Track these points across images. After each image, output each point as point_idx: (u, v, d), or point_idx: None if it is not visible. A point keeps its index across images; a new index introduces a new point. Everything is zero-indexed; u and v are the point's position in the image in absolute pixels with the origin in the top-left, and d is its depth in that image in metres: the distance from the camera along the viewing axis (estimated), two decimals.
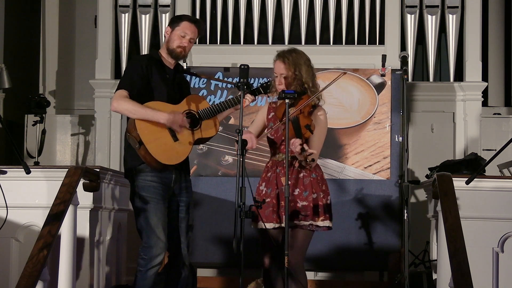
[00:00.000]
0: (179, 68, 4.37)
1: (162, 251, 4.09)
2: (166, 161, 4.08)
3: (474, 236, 4.43)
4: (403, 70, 5.05)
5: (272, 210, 4.07)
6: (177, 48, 4.24)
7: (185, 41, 4.25)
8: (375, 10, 6.85)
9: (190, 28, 4.25)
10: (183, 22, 4.26)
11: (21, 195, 4.59)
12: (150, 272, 4.09)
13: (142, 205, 4.11)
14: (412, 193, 6.63)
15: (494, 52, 7.57)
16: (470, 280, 3.57)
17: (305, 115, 4.06)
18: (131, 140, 4.07)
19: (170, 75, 4.28)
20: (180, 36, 4.25)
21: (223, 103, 4.24)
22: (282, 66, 4.18)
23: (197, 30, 4.29)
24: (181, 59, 4.35)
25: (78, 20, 7.89)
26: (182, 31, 4.25)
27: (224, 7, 6.93)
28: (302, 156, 3.88)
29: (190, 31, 4.25)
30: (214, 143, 6.17)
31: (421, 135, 6.81)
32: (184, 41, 4.25)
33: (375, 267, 6.12)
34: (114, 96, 4.12)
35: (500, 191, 4.60)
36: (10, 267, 4.69)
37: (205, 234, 6.07)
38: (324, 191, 4.12)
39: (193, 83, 6.25)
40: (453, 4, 6.83)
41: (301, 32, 6.89)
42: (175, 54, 4.26)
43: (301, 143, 3.89)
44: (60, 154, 7.41)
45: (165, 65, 4.28)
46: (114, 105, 4.09)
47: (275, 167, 4.15)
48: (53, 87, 7.84)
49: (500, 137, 6.88)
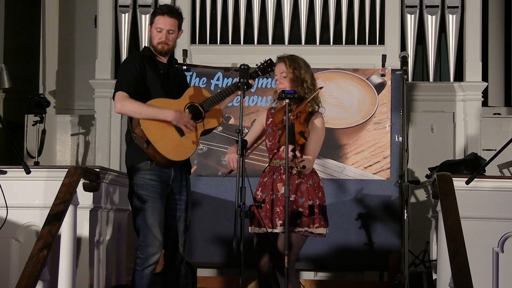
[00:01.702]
0: (173, 62, 4.34)
1: (158, 250, 4.10)
2: (176, 158, 4.09)
3: (474, 236, 4.43)
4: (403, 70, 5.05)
5: (265, 215, 4.08)
6: (158, 45, 4.21)
7: (162, 35, 4.18)
8: (375, 10, 6.85)
9: (163, 20, 4.17)
10: (156, 17, 4.20)
11: (21, 195, 4.59)
12: (147, 271, 4.09)
13: (140, 204, 4.11)
14: (412, 193, 6.63)
15: (494, 52, 7.57)
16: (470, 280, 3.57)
17: (301, 122, 4.08)
18: (137, 141, 4.06)
19: (164, 70, 4.26)
20: (157, 31, 4.19)
21: (223, 91, 4.25)
22: (282, 66, 4.21)
23: (171, 20, 4.19)
24: (167, 54, 4.27)
25: (78, 20, 7.89)
26: (157, 26, 4.19)
27: (224, 7, 6.93)
28: (293, 162, 3.89)
29: (164, 23, 4.17)
30: (214, 143, 6.18)
31: (421, 135, 6.81)
32: (161, 35, 4.18)
33: (375, 267, 6.12)
34: (116, 98, 4.10)
35: (500, 191, 4.60)
36: (10, 267, 4.69)
37: (205, 234, 6.07)
38: (320, 198, 4.13)
39: (193, 83, 6.25)
40: (453, 4, 6.83)
41: (301, 32, 6.89)
42: (159, 51, 4.22)
43: (293, 149, 3.89)
44: (60, 154, 7.41)
45: (158, 60, 4.25)
46: (119, 106, 4.08)
47: (272, 172, 4.17)
48: (53, 87, 7.84)
49: (500, 137, 6.88)
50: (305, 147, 4.09)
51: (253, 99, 6.22)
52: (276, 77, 4.24)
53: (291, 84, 4.18)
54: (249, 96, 6.16)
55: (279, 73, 4.22)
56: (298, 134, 4.00)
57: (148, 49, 4.29)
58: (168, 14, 4.19)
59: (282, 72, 4.20)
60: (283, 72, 4.19)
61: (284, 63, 4.20)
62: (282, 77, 4.20)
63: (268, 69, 4.37)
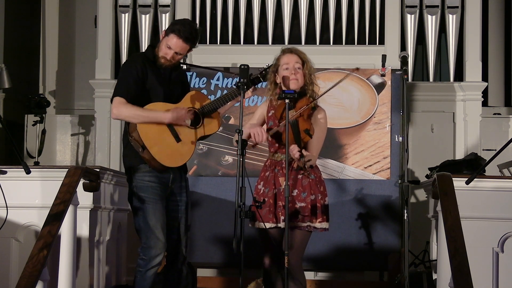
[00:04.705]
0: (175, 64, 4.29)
1: (161, 251, 4.09)
2: (171, 164, 4.08)
3: (474, 236, 4.43)
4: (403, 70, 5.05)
5: (269, 210, 4.05)
6: (161, 58, 4.16)
7: (169, 53, 4.14)
8: (375, 10, 6.85)
9: (177, 43, 4.11)
10: (172, 35, 4.11)
11: (21, 195, 4.59)
12: (149, 272, 4.09)
13: (140, 206, 4.11)
14: (412, 193, 6.63)
15: (494, 52, 7.57)
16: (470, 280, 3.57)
17: (305, 119, 4.03)
18: (134, 144, 4.06)
19: (166, 73, 4.24)
20: (166, 47, 4.14)
21: (223, 97, 4.22)
22: (295, 58, 4.11)
23: (185, 45, 4.13)
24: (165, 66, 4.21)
25: (78, 20, 7.89)
26: (169, 43, 4.13)
27: (224, 7, 6.93)
28: (301, 162, 3.87)
29: (176, 46, 4.12)
30: (214, 143, 6.18)
31: (421, 135, 6.81)
32: (169, 52, 4.14)
33: (375, 267, 6.12)
34: (113, 103, 4.08)
35: (500, 191, 4.60)
36: (10, 267, 4.69)
37: (205, 234, 6.07)
38: (322, 192, 4.11)
39: (193, 83, 6.25)
40: (453, 4, 6.83)
41: (301, 32, 6.89)
42: (159, 63, 4.18)
43: (299, 149, 3.87)
44: (60, 154, 7.41)
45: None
46: (115, 112, 4.07)
47: (273, 166, 4.14)
48: (53, 87, 7.84)
49: (500, 137, 6.89)
50: (309, 143, 4.05)
51: (253, 99, 6.22)
52: (286, 67, 4.10)
53: (304, 79, 4.11)
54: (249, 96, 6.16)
55: (292, 64, 4.09)
56: (304, 132, 3.97)
57: (152, 51, 4.23)
58: (183, 40, 4.11)
59: (297, 63, 4.10)
60: (298, 64, 4.10)
61: (297, 55, 4.11)
62: (297, 68, 4.10)
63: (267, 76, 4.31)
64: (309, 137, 4.00)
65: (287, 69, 4.11)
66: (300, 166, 3.90)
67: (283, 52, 4.18)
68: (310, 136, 3.99)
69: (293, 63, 4.10)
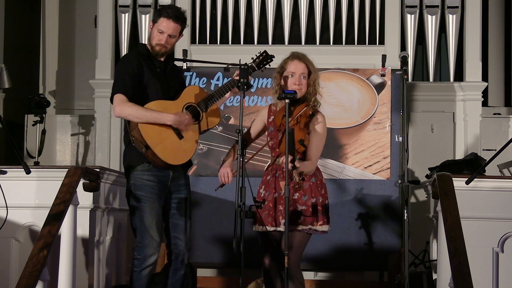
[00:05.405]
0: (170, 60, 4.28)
1: (156, 251, 4.09)
2: (175, 162, 4.07)
3: (474, 236, 4.43)
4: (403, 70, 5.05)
5: (268, 214, 4.06)
6: (156, 46, 4.14)
7: (163, 37, 4.11)
8: (375, 10, 6.85)
9: (167, 24, 4.09)
10: (161, 18, 4.10)
11: (21, 195, 4.59)
12: (144, 272, 4.08)
13: (137, 204, 4.10)
14: (412, 193, 6.63)
15: (494, 52, 7.57)
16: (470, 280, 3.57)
17: (301, 127, 4.01)
18: (136, 144, 4.04)
19: (161, 68, 4.22)
20: (158, 32, 4.12)
21: (221, 89, 4.21)
22: (302, 67, 4.10)
23: (175, 25, 4.11)
24: (163, 55, 4.20)
25: (78, 20, 7.89)
26: (159, 28, 4.11)
27: (224, 7, 6.93)
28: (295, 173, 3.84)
29: (167, 27, 4.09)
30: (214, 143, 6.18)
31: (421, 135, 6.81)
32: (162, 37, 4.11)
33: (375, 267, 6.11)
34: (115, 101, 4.07)
35: (500, 191, 4.60)
36: (10, 267, 4.69)
37: (205, 234, 6.07)
38: (323, 195, 4.11)
39: (193, 83, 6.24)
40: (453, 4, 6.83)
41: (301, 32, 6.89)
42: (155, 52, 4.16)
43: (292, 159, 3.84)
44: (60, 154, 7.41)
45: (155, 58, 4.20)
46: (118, 110, 4.05)
47: (274, 170, 4.14)
48: (53, 87, 7.84)
49: (500, 137, 6.89)
50: (307, 150, 4.05)
51: (253, 99, 6.22)
52: (291, 74, 4.10)
53: (306, 88, 4.10)
54: (249, 96, 6.16)
55: (299, 73, 4.08)
56: (298, 143, 3.96)
57: (144, 47, 4.22)
58: (173, 19, 4.09)
59: (303, 73, 4.09)
60: (304, 73, 4.09)
61: (304, 63, 4.10)
62: (302, 78, 4.09)
63: (264, 62, 4.29)
64: (303, 147, 3.99)
65: (292, 77, 4.11)
66: (293, 178, 3.87)
67: (292, 58, 4.15)
68: (304, 146, 3.99)
69: (299, 73, 4.09)
